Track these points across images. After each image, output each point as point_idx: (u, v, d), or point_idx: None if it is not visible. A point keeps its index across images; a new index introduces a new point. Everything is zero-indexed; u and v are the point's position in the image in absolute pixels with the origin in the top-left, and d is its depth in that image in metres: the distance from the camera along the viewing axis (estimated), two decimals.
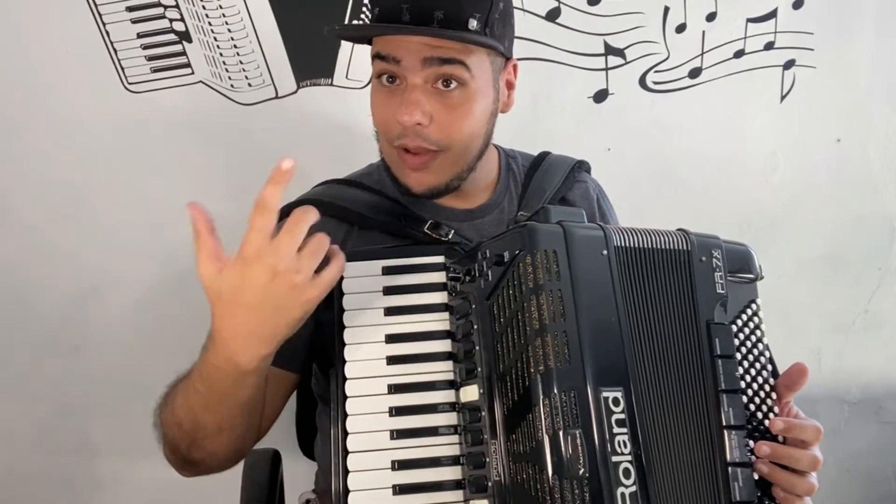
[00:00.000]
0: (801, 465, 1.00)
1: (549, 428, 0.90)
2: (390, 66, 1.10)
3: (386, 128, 1.14)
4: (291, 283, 0.89)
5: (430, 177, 1.16)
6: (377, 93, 1.15)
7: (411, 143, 1.12)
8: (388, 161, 1.20)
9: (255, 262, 0.88)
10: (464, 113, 1.12)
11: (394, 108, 1.11)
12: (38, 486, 1.89)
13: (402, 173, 1.17)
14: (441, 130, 1.11)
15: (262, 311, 0.91)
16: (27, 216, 1.72)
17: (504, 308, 0.99)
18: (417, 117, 1.09)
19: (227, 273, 0.91)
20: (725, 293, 1.07)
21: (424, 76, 1.09)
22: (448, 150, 1.13)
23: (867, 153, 2.01)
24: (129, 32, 1.63)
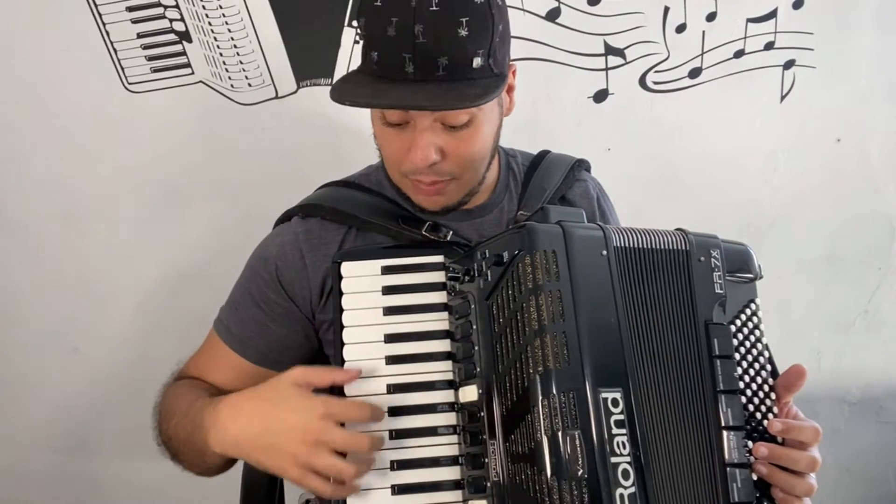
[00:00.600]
0: (800, 466, 1.00)
1: (547, 429, 0.91)
2: (396, 116, 1.07)
3: (396, 162, 1.13)
4: (315, 439, 0.94)
5: (444, 199, 1.17)
6: (383, 131, 1.12)
7: (426, 179, 1.12)
8: (399, 185, 1.19)
9: (320, 407, 0.95)
10: (474, 142, 1.10)
11: (404, 147, 1.09)
12: (38, 486, 1.89)
13: (416, 197, 1.18)
14: (453, 162, 1.10)
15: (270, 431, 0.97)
16: (27, 216, 1.72)
17: (503, 308, 0.99)
18: (431, 158, 1.07)
19: (309, 395, 0.98)
20: (724, 293, 1.07)
21: (433, 119, 1.06)
22: (461, 176, 1.14)
23: (867, 153, 2.01)
24: (129, 32, 1.62)
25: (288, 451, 0.95)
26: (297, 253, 1.19)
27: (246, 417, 1.00)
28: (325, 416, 0.94)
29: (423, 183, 1.13)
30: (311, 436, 0.94)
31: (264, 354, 1.22)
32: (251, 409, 1.00)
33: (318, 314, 1.20)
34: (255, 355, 1.22)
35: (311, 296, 1.19)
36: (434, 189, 1.14)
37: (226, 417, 1.01)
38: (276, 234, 1.24)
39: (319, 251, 1.19)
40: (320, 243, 1.19)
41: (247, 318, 1.22)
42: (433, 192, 1.14)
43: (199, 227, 1.77)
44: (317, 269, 1.18)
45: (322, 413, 0.94)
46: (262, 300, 1.21)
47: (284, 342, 1.22)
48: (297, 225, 1.22)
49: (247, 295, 1.23)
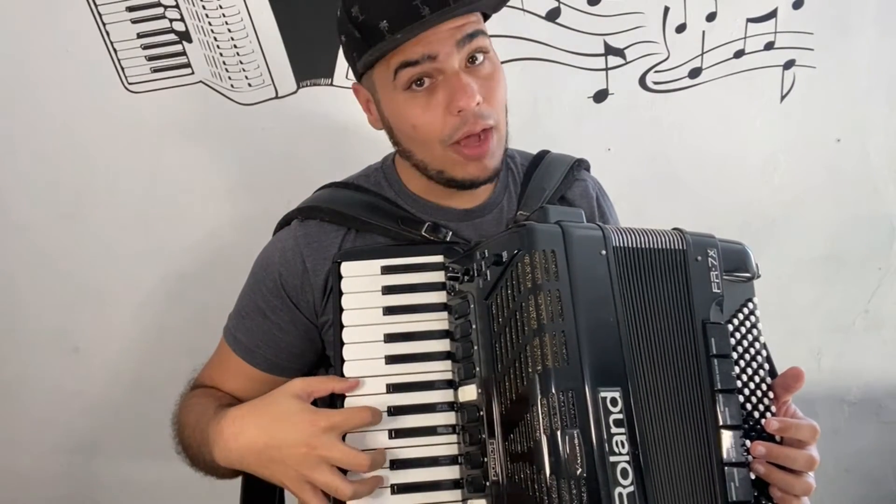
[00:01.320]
0: (797, 464, 1.01)
1: (546, 428, 0.91)
2: (425, 67, 1.07)
3: (437, 129, 1.11)
4: (318, 455, 0.95)
5: (491, 161, 1.14)
6: (410, 103, 1.10)
7: (478, 127, 1.09)
8: (442, 164, 1.15)
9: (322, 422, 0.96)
10: (497, 80, 1.12)
11: (441, 105, 1.08)
12: (38, 486, 1.89)
13: (464, 169, 1.14)
14: (489, 103, 1.10)
15: (273, 446, 0.98)
16: (27, 216, 1.72)
17: (503, 308, 0.99)
18: (477, 97, 1.07)
19: (311, 409, 0.98)
20: (721, 292, 1.07)
21: (460, 58, 1.08)
22: (498, 123, 1.13)
23: (867, 153, 2.01)
24: (129, 32, 1.63)
25: (290, 466, 0.96)
26: (298, 258, 1.19)
27: (249, 433, 1.00)
28: (327, 430, 0.95)
29: (473, 138, 1.10)
30: (314, 452, 0.94)
31: (273, 362, 1.22)
32: (253, 425, 1.00)
33: (321, 316, 1.21)
34: (264, 363, 1.22)
35: (314, 299, 1.19)
36: (485, 146, 1.11)
37: (229, 434, 1.02)
38: (277, 240, 1.24)
39: (319, 254, 1.19)
40: (320, 246, 1.20)
41: (253, 326, 1.22)
42: (486, 149, 1.12)
43: (199, 227, 1.77)
44: (318, 272, 1.18)
45: (324, 427, 0.94)
46: (267, 308, 1.21)
47: (292, 349, 1.22)
48: (296, 229, 1.22)
49: (252, 304, 1.23)
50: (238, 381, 1.24)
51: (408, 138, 1.15)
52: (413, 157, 1.17)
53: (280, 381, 1.22)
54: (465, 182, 1.16)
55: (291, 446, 0.95)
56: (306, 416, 0.96)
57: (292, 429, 0.96)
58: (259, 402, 1.04)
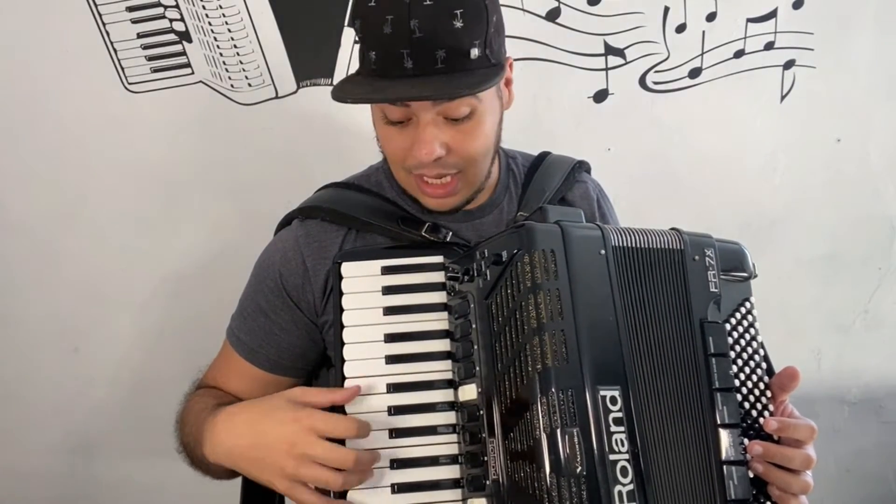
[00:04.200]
0: (794, 463, 1.01)
1: (546, 426, 0.91)
2: (398, 114, 1.07)
3: (400, 160, 1.13)
4: (300, 452, 0.94)
5: (453, 199, 1.17)
6: (385, 131, 1.12)
7: (431, 173, 1.11)
8: (405, 186, 1.19)
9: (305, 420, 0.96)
10: (478, 134, 1.10)
11: (407, 143, 1.09)
12: (38, 486, 1.89)
13: (423, 198, 1.17)
14: (458, 155, 1.10)
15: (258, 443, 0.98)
16: (27, 216, 1.72)
17: (502, 307, 0.99)
18: (436, 152, 1.07)
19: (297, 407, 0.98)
20: (719, 292, 1.07)
21: (436, 111, 1.06)
22: (467, 170, 1.13)
23: (867, 153, 2.01)
24: (129, 32, 1.63)
25: (275, 463, 0.96)
26: (298, 258, 1.19)
27: (238, 429, 1.01)
28: (309, 430, 0.94)
29: (429, 178, 1.12)
30: (297, 449, 0.94)
31: (275, 362, 1.22)
32: (242, 421, 1.01)
33: (321, 316, 1.21)
34: (267, 363, 1.22)
35: (315, 299, 1.19)
36: (444, 190, 1.13)
37: (220, 429, 1.03)
38: (278, 241, 1.25)
39: (320, 253, 1.19)
40: (321, 246, 1.20)
41: (255, 327, 1.22)
42: (443, 193, 1.14)
43: (199, 227, 1.77)
44: (318, 272, 1.18)
45: (307, 426, 0.94)
46: (269, 309, 1.21)
47: (294, 348, 1.22)
48: (297, 229, 1.22)
49: (254, 304, 1.23)
50: (241, 381, 1.24)
51: (384, 152, 1.19)
52: (391, 168, 1.21)
53: (283, 381, 1.24)
54: (422, 208, 1.20)
55: (275, 443, 0.95)
56: (289, 413, 0.96)
57: (275, 426, 0.96)
58: (253, 401, 1.05)
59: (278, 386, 1.24)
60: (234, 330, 1.25)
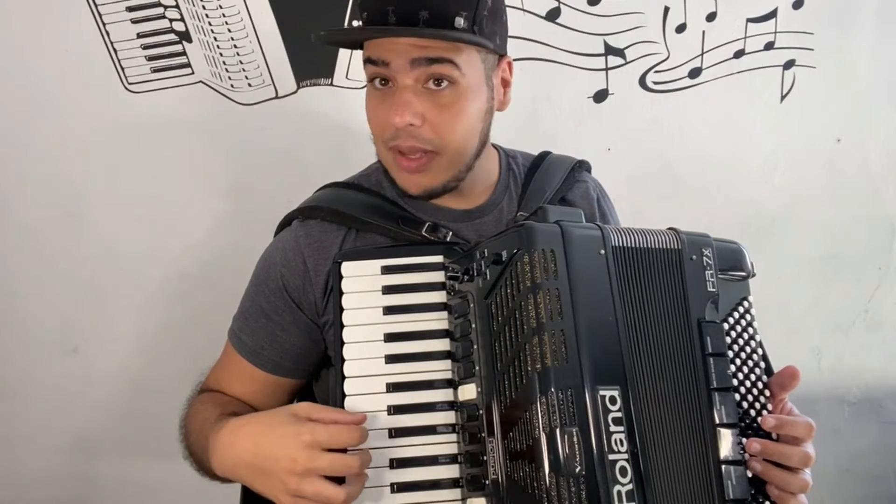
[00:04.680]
0: (793, 461, 1.01)
1: (545, 426, 0.91)
2: (380, 70, 1.10)
3: (380, 130, 1.14)
4: (304, 468, 0.94)
5: (426, 179, 1.16)
6: (371, 96, 1.15)
7: (404, 144, 1.11)
8: (385, 163, 1.19)
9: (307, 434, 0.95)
10: (456, 111, 1.11)
11: (386, 110, 1.10)
12: (38, 486, 1.89)
13: (398, 175, 1.17)
14: (434, 130, 1.11)
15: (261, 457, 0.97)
16: (27, 216, 1.72)
17: (502, 307, 0.99)
18: (408, 118, 1.08)
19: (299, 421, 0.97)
20: (717, 291, 1.07)
21: (414, 76, 1.08)
22: (443, 151, 1.13)
23: (867, 153, 2.01)
24: (129, 32, 1.63)
25: (277, 479, 0.95)
26: (299, 258, 1.19)
27: (241, 444, 1.00)
28: (311, 444, 0.94)
29: (403, 151, 1.12)
30: (300, 465, 0.93)
31: (278, 363, 1.22)
32: (246, 435, 1.00)
33: (322, 316, 1.21)
34: (270, 365, 1.22)
35: (316, 299, 1.19)
36: (415, 164, 1.13)
37: (225, 443, 1.02)
38: (279, 241, 1.24)
39: (320, 253, 1.19)
40: (321, 246, 1.20)
41: (257, 328, 1.22)
42: (414, 167, 1.13)
43: (199, 226, 1.77)
44: (319, 272, 1.18)
45: (308, 441, 0.94)
46: (270, 310, 1.21)
47: (296, 349, 1.22)
48: (297, 229, 1.22)
49: (256, 305, 1.23)
50: (244, 383, 1.24)
51: (369, 126, 1.19)
52: (376, 148, 1.21)
53: (285, 383, 1.24)
54: (401, 190, 1.19)
55: (277, 459, 0.95)
56: (291, 428, 0.95)
57: (277, 441, 0.95)
58: (259, 414, 1.04)
59: (280, 387, 1.25)
60: (236, 331, 1.25)
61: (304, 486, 0.94)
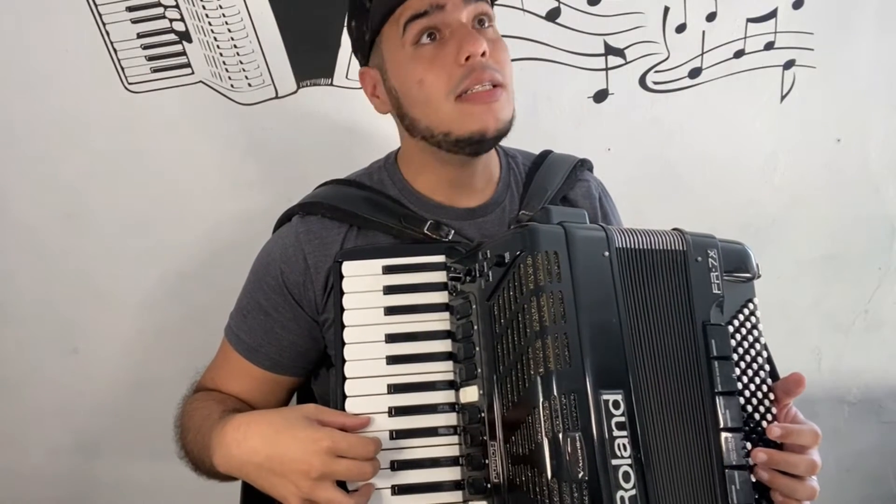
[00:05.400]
0: (799, 469, 1.01)
1: (548, 430, 0.91)
2: (434, 19, 1.10)
3: (442, 81, 1.11)
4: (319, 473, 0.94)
5: (502, 111, 1.13)
6: (419, 58, 1.12)
7: (482, 75, 1.09)
8: (450, 121, 1.13)
9: (324, 441, 0.95)
10: (503, 46, 1.16)
11: (448, 57, 1.10)
12: (38, 486, 1.89)
13: (472, 121, 1.12)
14: (496, 61, 1.12)
15: (274, 459, 0.97)
16: (27, 216, 1.72)
17: (505, 309, 0.99)
18: (483, 45, 1.09)
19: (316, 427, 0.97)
20: (721, 293, 1.07)
21: (468, 13, 1.12)
22: (505, 83, 1.13)
23: (867, 153, 2.01)
24: (129, 32, 1.62)
25: (290, 481, 0.96)
26: (299, 254, 1.19)
27: (252, 442, 0.99)
28: (328, 451, 0.94)
29: (483, 83, 1.10)
30: (315, 471, 0.94)
31: (276, 360, 1.22)
32: (256, 434, 0.99)
33: (322, 313, 1.20)
34: (267, 362, 1.22)
35: (316, 297, 1.19)
36: (494, 93, 1.11)
37: (231, 440, 1.01)
38: (278, 237, 1.24)
39: (321, 251, 1.18)
40: (322, 243, 1.19)
41: (255, 325, 1.22)
42: (493, 96, 1.11)
43: (199, 226, 1.77)
44: (319, 269, 1.18)
45: (326, 447, 0.94)
46: (269, 307, 1.21)
47: (295, 347, 1.22)
48: (297, 225, 1.22)
49: (254, 302, 1.23)
50: (241, 381, 1.23)
51: (413, 101, 1.15)
52: (419, 125, 1.16)
53: (283, 381, 1.23)
54: (472, 138, 1.13)
55: (292, 461, 0.95)
56: (310, 433, 0.95)
57: (294, 443, 0.95)
58: (266, 412, 1.05)
59: (279, 385, 1.24)
60: (234, 328, 1.24)
61: (318, 492, 0.94)
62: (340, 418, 1.00)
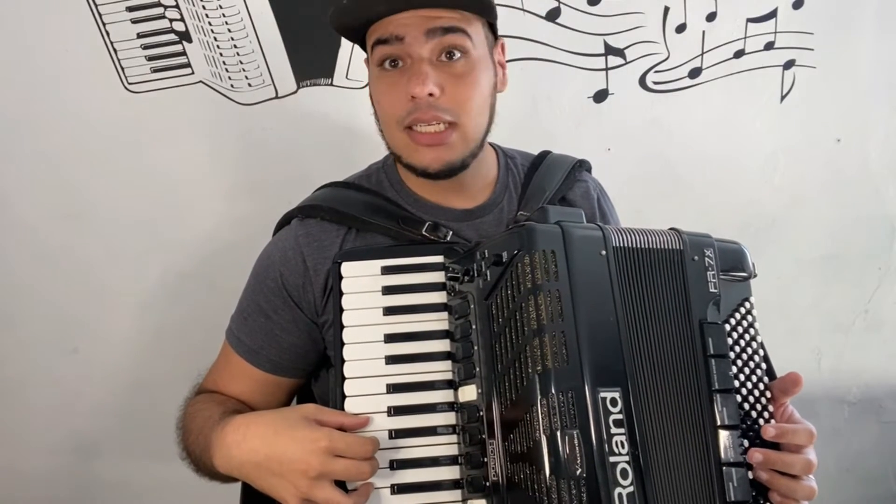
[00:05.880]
0: (795, 469, 1.01)
1: (546, 428, 0.91)
2: (393, 49, 1.10)
3: (394, 110, 1.13)
4: (318, 473, 0.94)
5: (447, 153, 1.14)
6: (380, 80, 1.14)
7: (425, 115, 1.10)
8: (399, 148, 1.17)
9: (323, 441, 0.95)
10: (471, 82, 1.12)
11: (402, 88, 1.10)
12: (38, 486, 1.89)
13: (417, 154, 1.15)
14: (452, 101, 1.11)
15: (273, 459, 0.97)
16: (27, 216, 1.72)
17: (503, 308, 0.99)
18: (430, 87, 1.08)
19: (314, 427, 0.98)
20: (718, 292, 1.07)
21: (430, 48, 1.09)
22: (461, 122, 1.13)
23: (867, 153, 2.01)
24: (129, 32, 1.63)
25: (289, 481, 0.96)
26: (298, 257, 1.19)
27: (251, 443, 1.00)
28: (326, 451, 0.94)
29: (424, 125, 1.11)
30: (314, 470, 0.94)
31: (276, 362, 1.22)
32: (255, 434, 1.00)
33: (321, 315, 1.21)
34: (268, 364, 1.22)
35: (315, 299, 1.19)
36: (437, 139, 1.12)
37: (231, 441, 1.01)
38: (278, 240, 1.24)
39: (320, 253, 1.19)
40: (321, 245, 1.19)
41: (256, 328, 1.22)
42: (435, 140, 1.12)
43: (199, 226, 1.77)
44: (318, 271, 1.18)
45: (324, 447, 0.94)
46: (269, 309, 1.21)
47: (295, 349, 1.22)
48: (296, 228, 1.22)
49: (254, 304, 1.23)
50: (242, 383, 1.23)
51: (379, 118, 1.18)
52: (384, 139, 1.20)
53: (284, 383, 1.23)
54: (418, 169, 1.16)
55: (291, 461, 0.95)
56: (309, 433, 0.96)
57: (293, 443, 0.96)
58: (266, 413, 1.05)
59: (279, 387, 1.25)
60: (234, 331, 1.24)
61: (316, 491, 0.94)
62: (339, 418, 1.01)
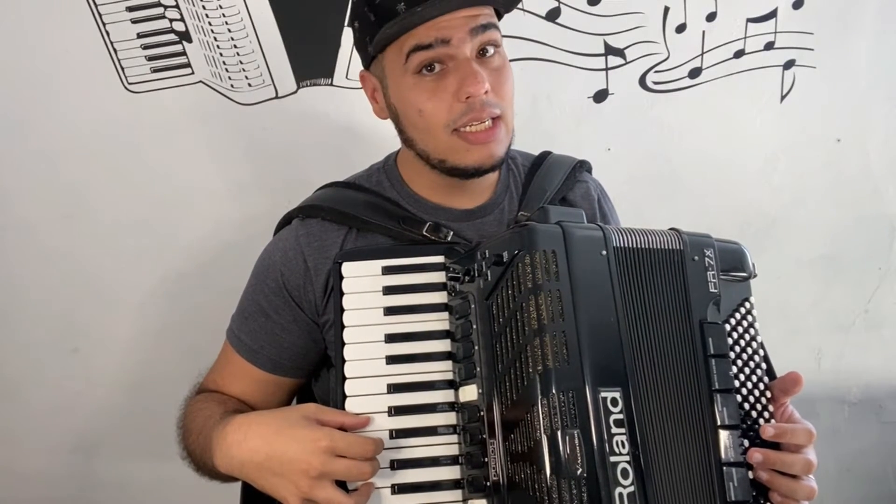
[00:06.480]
0: (795, 469, 1.01)
1: (547, 428, 0.91)
2: (438, 52, 1.08)
3: (441, 113, 1.11)
4: (318, 472, 0.95)
5: (497, 147, 1.14)
6: (418, 88, 1.11)
7: (482, 113, 1.10)
8: (444, 152, 1.15)
9: (324, 440, 0.95)
10: (506, 75, 1.14)
11: (447, 91, 1.09)
12: (38, 485, 1.89)
13: (469, 155, 1.13)
14: (497, 94, 1.11)
15: (274, 459, 0.97)
16: (27, 216, 1.72)
17: (503, 308, 0.99)
18: (486, 85, 1.08)
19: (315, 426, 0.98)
20: (718, 292, 1.07)
21: (472, 47, 1.09)
22: (505, 114, 1.13)
23: (867, 153, 2.01)
24: (129, 32, 1.63)
25: (290, 481, 0.96)
26: (299, 257, 1.19)
27: (252, 443, 1.00)
28: (327, 450, 0.94)
29: (479, 123, 1.11)
30: (314, 470, 0.94)
31: (277, 362, 1.22)
32: (256, 434, 1.00)
33: (322, 315, 1.21)
34: (269, 364, 1.22)
35: (316, 298, 1.19)
36: (490, 134, 1.11)
37: (232, 441, 1.01)
38: (279, 240, 1.24)
39: (321, 253, 1.19)
40: (321, 245, 1.19)
41: (257, 327, 1.22)
42: (489, 137, 1.12)
43: (199, 226, 1.77)
44: (319, 271, 1.18)
45: (325, 447, 0.94)
46: (270, 309, 1.21)
47: (295, 348, 1.22)
48: (297, 228, 1.22)
49: (255, 304, 1.23)
50: (243, 383, 1.24)
51: (412, 125, 1.15)
52: (416, 146, 1.17)
53: (284, 382, 1.23)
54: (468, 170, 1.15)
55: (292, 461, 0.95)
56: (309, 432, 0.96)
57: (293, 443, 0.96)
58: (266, 413, 1.04)
59: (280, 387, 1.25)
60: (235, 331, 1.25)
61: (317, 491, 0.94)
62: (340, 418, 1.01)
